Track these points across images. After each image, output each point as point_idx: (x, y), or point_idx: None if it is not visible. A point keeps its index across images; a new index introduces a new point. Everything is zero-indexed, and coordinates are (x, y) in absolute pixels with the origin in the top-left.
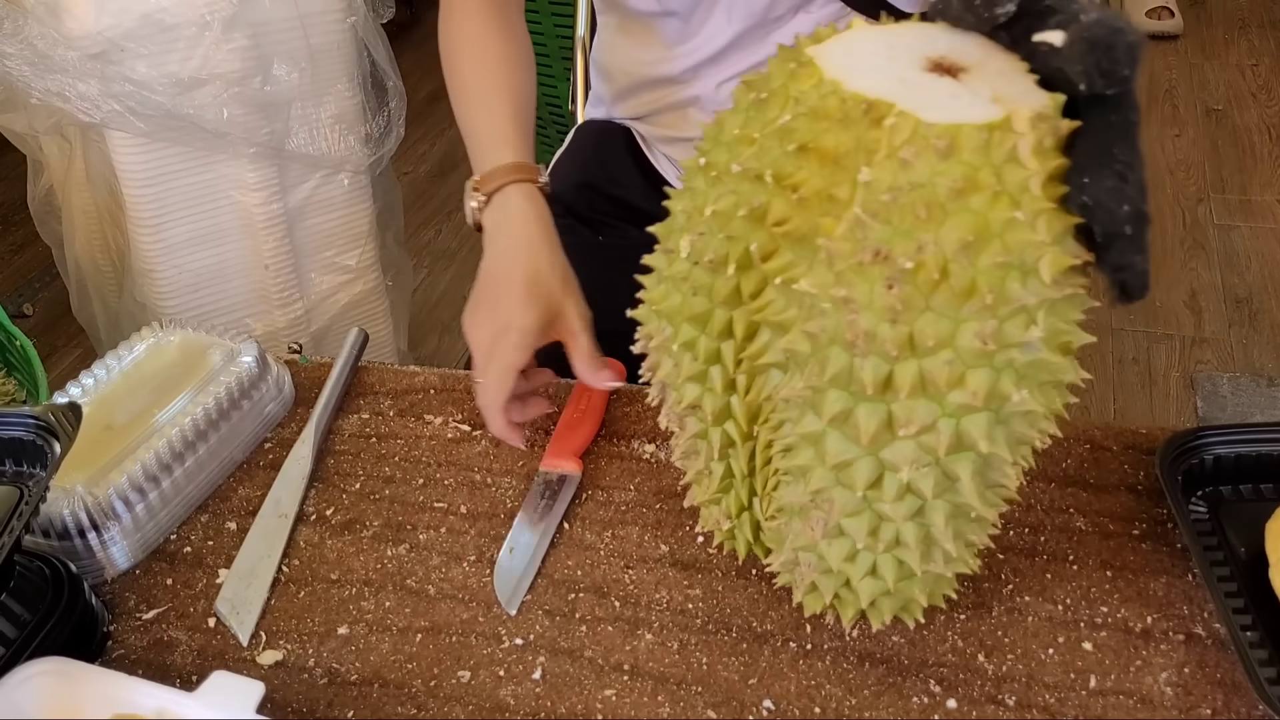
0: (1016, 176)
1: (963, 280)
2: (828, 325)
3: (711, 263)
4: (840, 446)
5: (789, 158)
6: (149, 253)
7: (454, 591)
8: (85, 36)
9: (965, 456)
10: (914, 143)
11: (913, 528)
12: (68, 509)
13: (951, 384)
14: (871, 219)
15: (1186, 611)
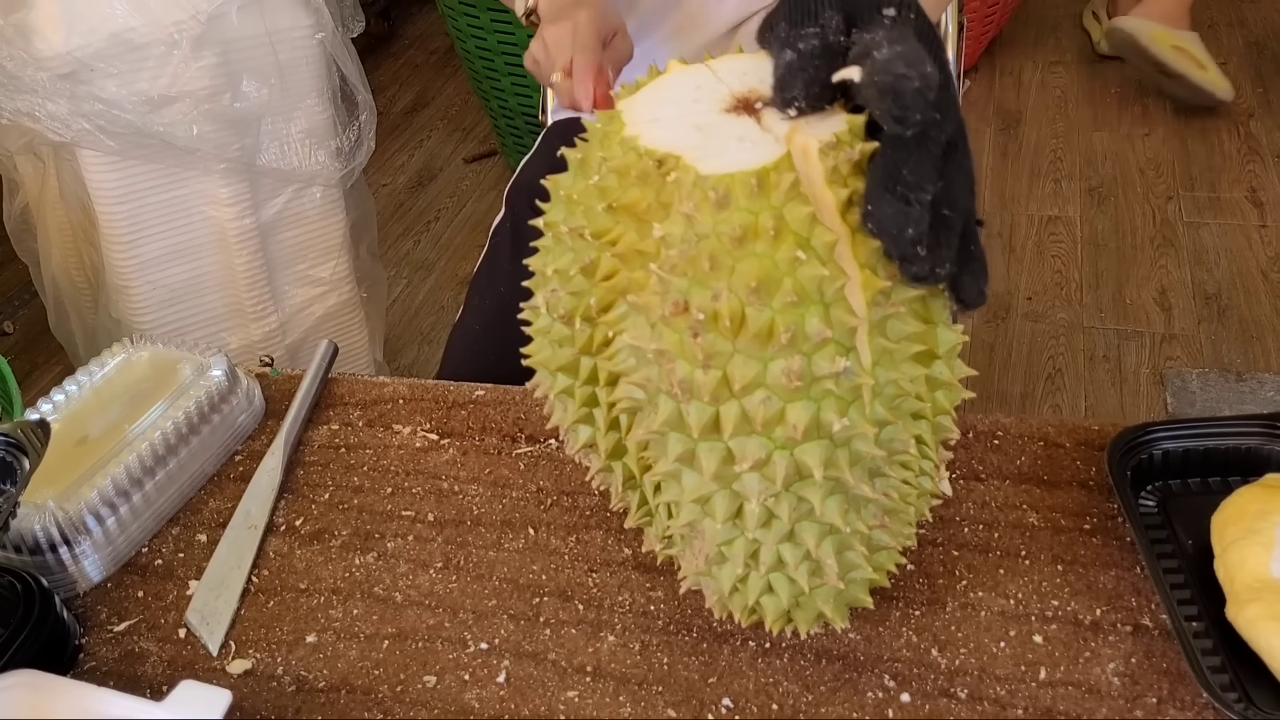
0: (798, 214)
1: (760, 322)
2: (652, 375)
3: (563, 317)
4: (694, 482)
5: (603, 216)
6: (123, 269)
7: (420, 598)
8: (54, 57)
9: (809, 484)
10: (693, 196)
11: (789, 549)
12: (39, 524)
13: (771, 421)
14: (669, 273)
15: (1135, 604)
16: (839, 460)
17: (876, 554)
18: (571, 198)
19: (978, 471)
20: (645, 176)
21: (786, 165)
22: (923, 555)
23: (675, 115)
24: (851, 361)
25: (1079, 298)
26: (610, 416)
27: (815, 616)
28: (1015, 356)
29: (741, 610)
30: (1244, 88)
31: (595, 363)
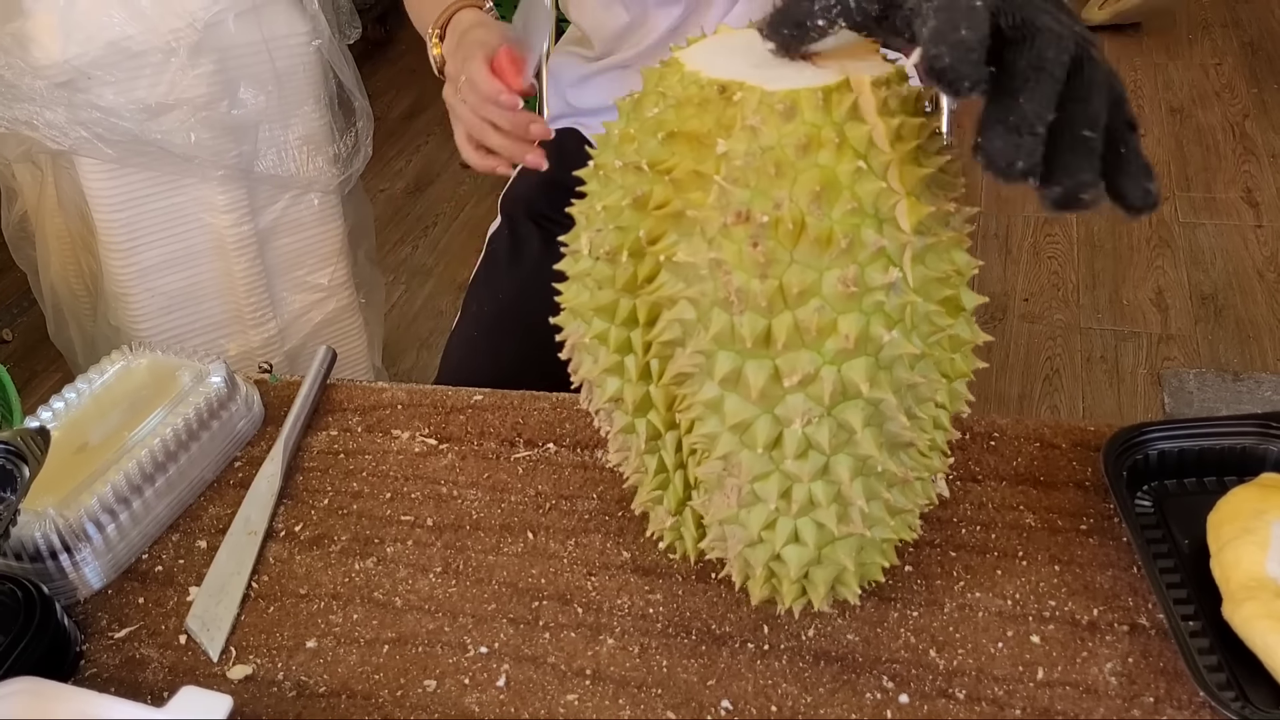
0: (858, 132)
1: (819, 230)
2: (706, 289)
3: (608, 254)
4: (736, 407)
5: (661, 146)
6: (121, 277)
7: (420, 603)
8: (52, 65)
9: (854, 405)
10: (759, 110)
11: (822, 486)
12: (39, 531)
13: (824, 331)
14: (731, 185)
15: (1131, 603)
16: (882, 381)
17: (895, 517)
18: (628, 133)
19: (974, 473)
20: (707, 103)
21: (846, 87)
22: (920, 556)
23: (731, 59)
24: (899, 278)
25: (1076, 299)
26: (643, 362)
27: (831, 580)
28: (1013, 357)
29: (762, 566)
30: (1239, 88)
31: (635, 302)
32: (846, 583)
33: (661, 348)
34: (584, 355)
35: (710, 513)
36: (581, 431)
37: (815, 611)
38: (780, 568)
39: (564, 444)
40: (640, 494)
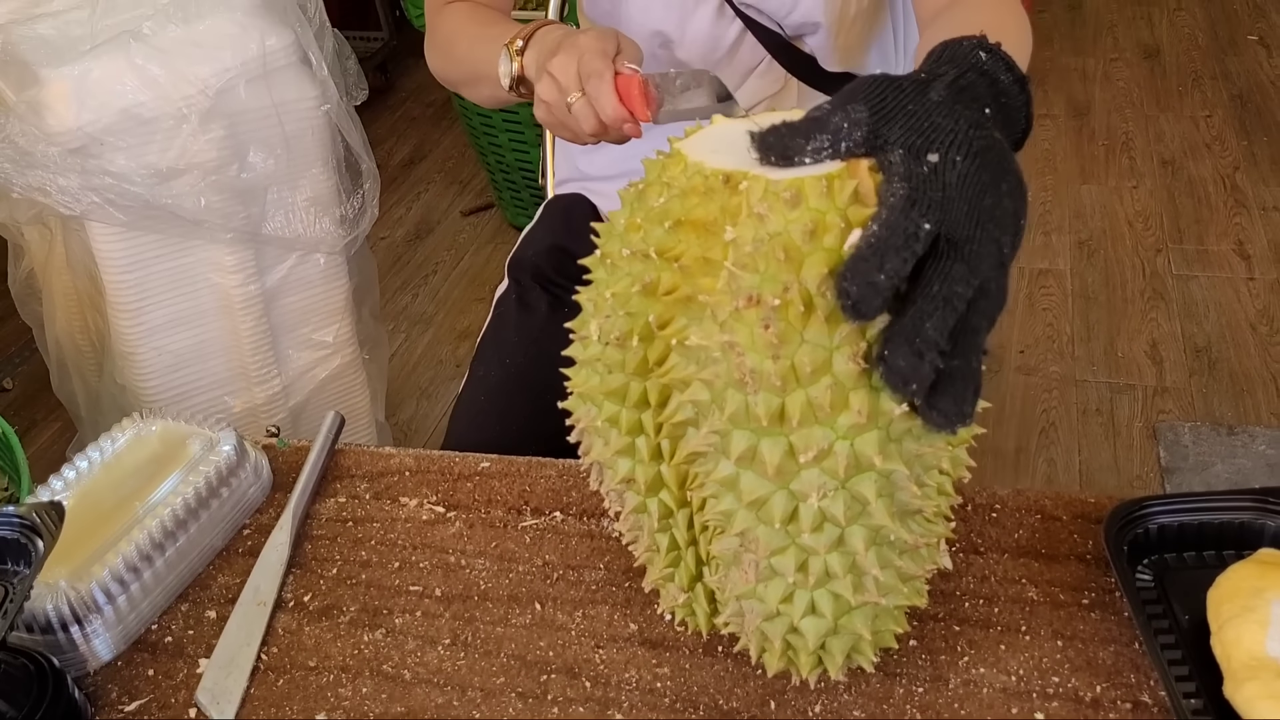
0: (861, 216)
1: (827, 309)
2: (720, 371)
3: (618, 339)
4: (753, 484)
5: (668, 234)
6: (129, 336)
7: (429, 676)
8: (65, 132)
9: (867, 477)
10: (765, 199)
11: (838, 558)
12: (50, 604)
13: (837, 406)
14: (741, 270)
15: (1134, 680)
16: (892, 452)
17: (907, 583)
18: (634, 222)
19: (976, 545)
20: (712, 192)
21: (846, 174)
22: (925, 630)
23: (732, 150)
24: None
25: (1071, 351)
26: (654, 443)
27: (849, 648)
28: (1009, 410)
29: (780, 639)
30: (1229, 141)
31: (645, 385)
32: (862, 651)
33: (673, 429)
34: (595, 438)
35: (727, 589)
36: (588, 500)
37: (823, 687)
38: (798, 639)
39: (570, 512)
40: (651, 571)
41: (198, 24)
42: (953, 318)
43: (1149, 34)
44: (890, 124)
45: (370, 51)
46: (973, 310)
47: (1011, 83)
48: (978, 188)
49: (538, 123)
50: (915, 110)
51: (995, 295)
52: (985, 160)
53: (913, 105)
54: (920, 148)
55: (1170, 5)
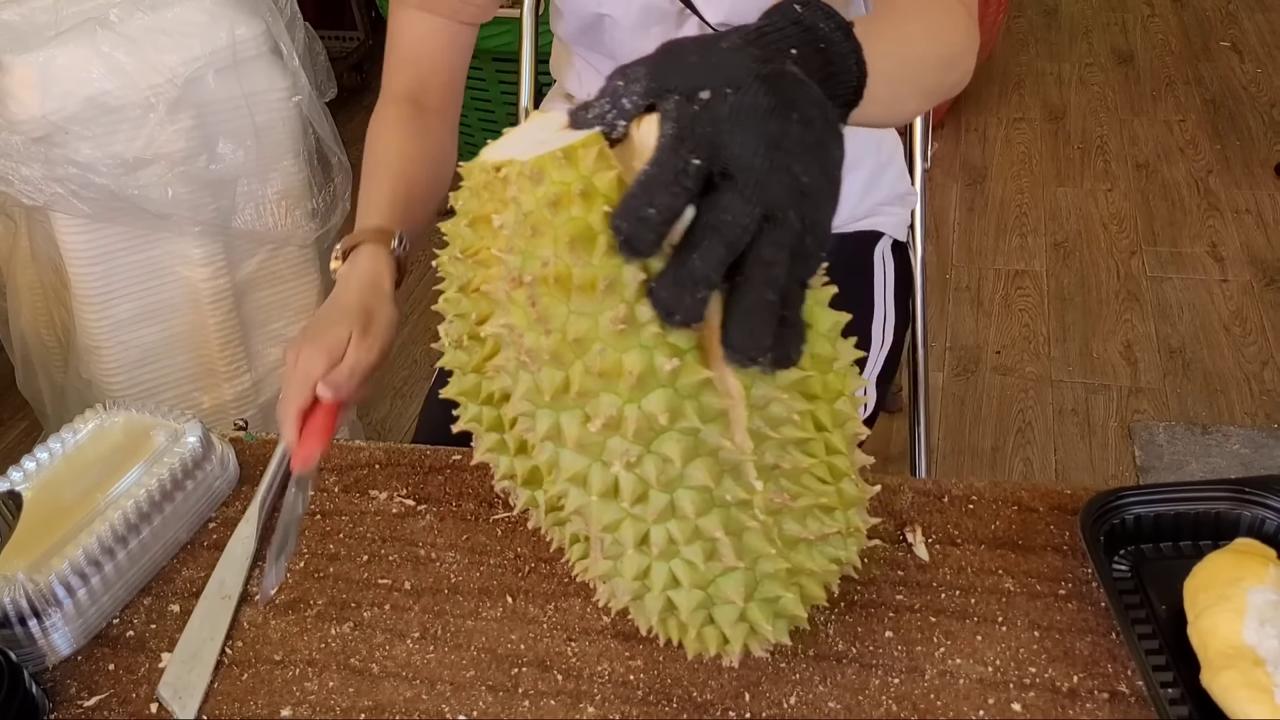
0: (606, 179)
1: (585, 277)
2: (510, 355)
3: (458, 342)
4: (569, 460)
5: (469, 232)
6: (94, 330)
7: (398, 669)
8: (29, 120)
9: (667, 437)
10: (517, 181)
11: (676, 525)
12: (8, 597)
13: (610, 372)
14: (506, 254)
15: (1111, 670)
16: (688, 410)
17: (795, 549)
18: (450, 230)
19: (953, 536)
20: (490, 185)
21: (594, 141)
22: (901, 621)
23: (522, 140)
24: None
25: (1047, 351)
26: (515, 436)
27: (735, 619)
28: (985, 410)
29: (658, 617)
30: (1202, 145)
31: (481, 381)
32: (754, 619)
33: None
34: (479, 440)
35: (592, 571)
36: None
37: (797, 679)
38: (675, 614)
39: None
40: (577, 566)
41: (166, 11)
42: (721, 246)
43: (1123, 39)
44: (670, 75)
45: (346, 51)
46: (763, 240)
47: (833, 29)
48: (758, 116)
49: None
50: (697, 59)
51: (791, 225)
52: (768, 88)
53: (695, 56)
54: (696, 89)
55: (1144, 12)
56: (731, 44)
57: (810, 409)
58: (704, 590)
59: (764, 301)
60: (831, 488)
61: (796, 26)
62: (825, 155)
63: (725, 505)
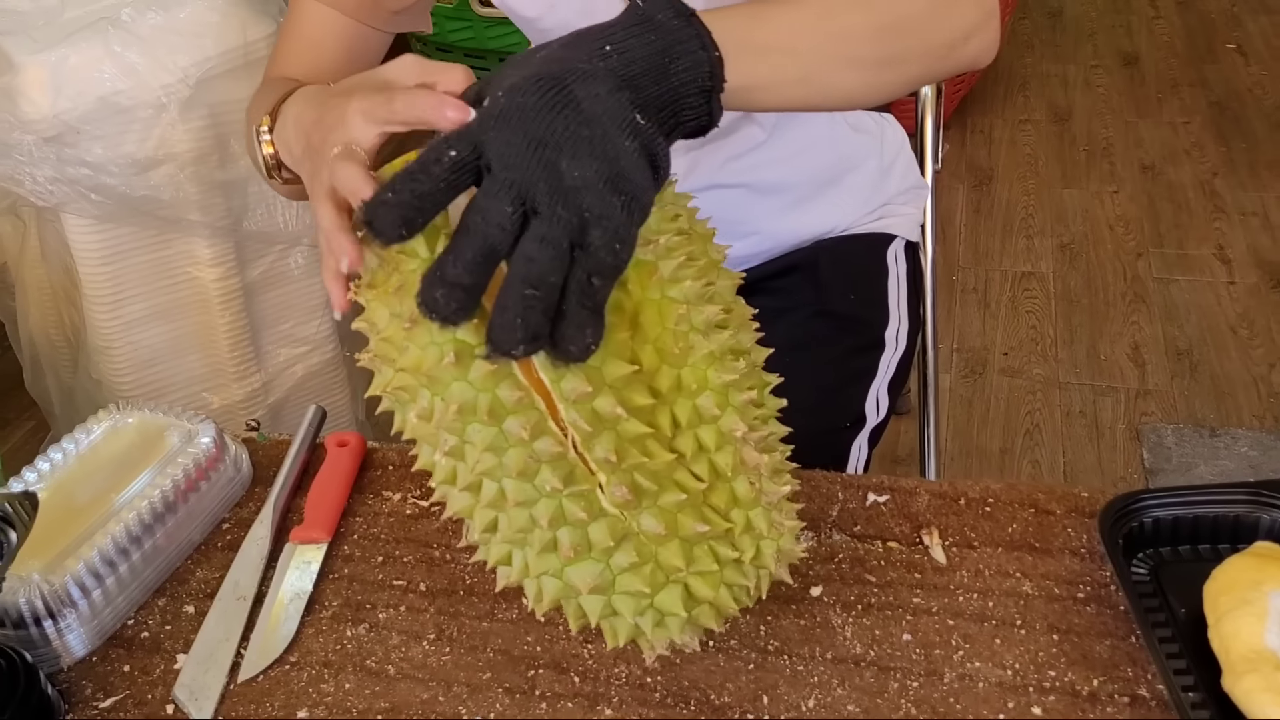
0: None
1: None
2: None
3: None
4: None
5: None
6: (105, 330)
7: (413, 671)
8: (41, 120)
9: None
10: None
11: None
12: (24, 598)
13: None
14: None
15: (1131, 673)
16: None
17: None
18: None
19: (970, 539)
20: None
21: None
22: (919, 624)
23: None
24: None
25: (1054, 353)
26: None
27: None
28: (994, 412)
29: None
30: (1208, 147)
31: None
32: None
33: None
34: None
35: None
36: None
37: (815, 682)
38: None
39: None
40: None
41: (178, 11)
42: (473, 244)
43: (1128, 41)
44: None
45: None
46: (524, 236)
47: (671, 18)
48: (524, 114)
49: None
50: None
51: (557, 219)
52: (543, 88)
53: (515, 62)
54: (485, 93)
55: (1149, 14)
56: (551, 47)
57: (651, 403)
58: (559, 579)
59: (519, 296)
60: (702, 485)
61: (629, 20)
62: (605, 149)
63: (551, 495)
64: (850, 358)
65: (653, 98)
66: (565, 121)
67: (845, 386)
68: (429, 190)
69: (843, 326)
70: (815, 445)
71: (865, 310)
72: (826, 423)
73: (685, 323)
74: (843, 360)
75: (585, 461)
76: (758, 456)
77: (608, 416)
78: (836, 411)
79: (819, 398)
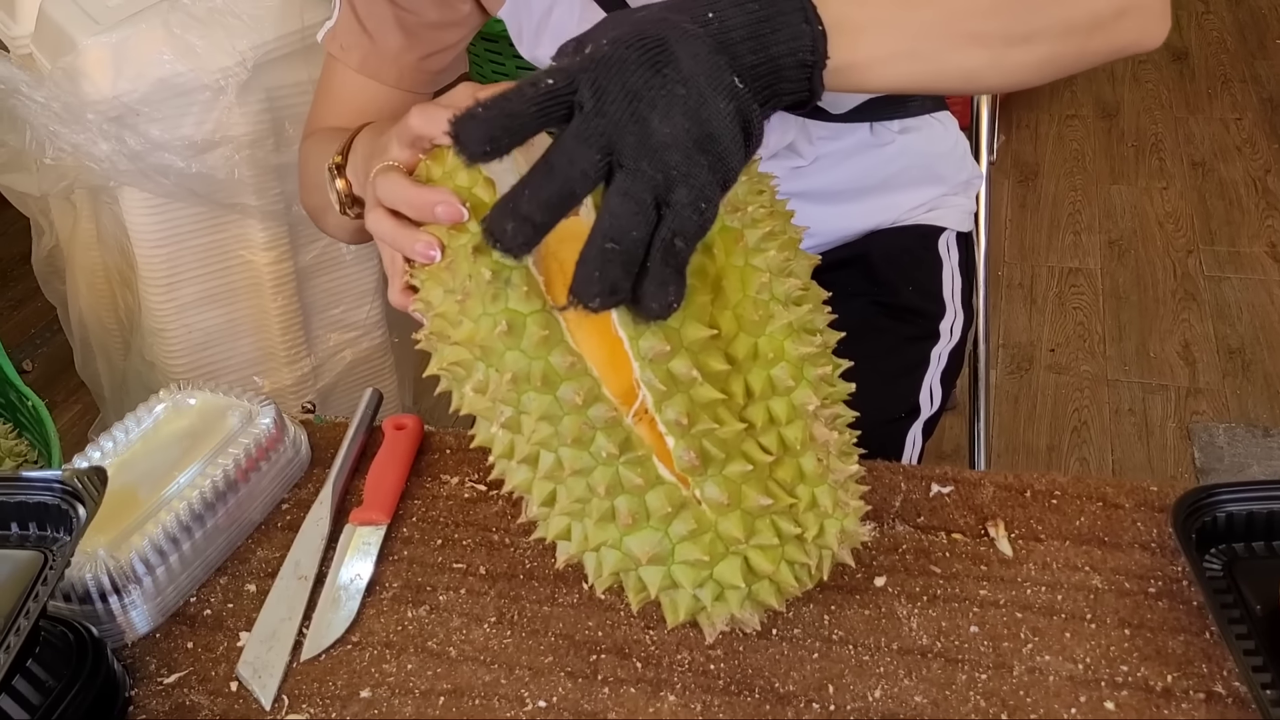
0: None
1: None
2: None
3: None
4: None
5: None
6: (160, 312)
7: (475, 653)
8: (102, 101)
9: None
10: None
11: (569, 483)
12: (89, 573)
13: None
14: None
15: (1206, 670)
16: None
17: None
18: None
19: (1036, 531)
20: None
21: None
22: (986, 616)
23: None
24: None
25: (1102, 350)
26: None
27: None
28: (1040, 408)
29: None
30: (1260, 144)
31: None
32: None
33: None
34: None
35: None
36: None
37: (881, 671)
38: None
39: None
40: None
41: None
42: (550, 183)
43: (1177, 36)
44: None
45: None
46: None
47: None
48: (624, 67)
49: None
50: (614, 20)
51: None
52: (644, 44)
53: (617, 18)
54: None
55: (1198, 8)
56: (653, 7)
57: (726, 369)
58: (618, 550)
59: (599, 249)
60: (770, 458)
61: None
62: (699, 109)
63: (607, 462)
64: (906, 348)
65: (751, 66)
66: (662, 78)
67: (901, 377)
68: (519, 111)
69: (899, 317)
70: (871, 435)
71: (921, 301)
72: (882, 413)
73: (767, 291)
74: (898, 350)
75: (652, 426)
76: (827, 433)
77: (683, 379)
78: (893, 401)
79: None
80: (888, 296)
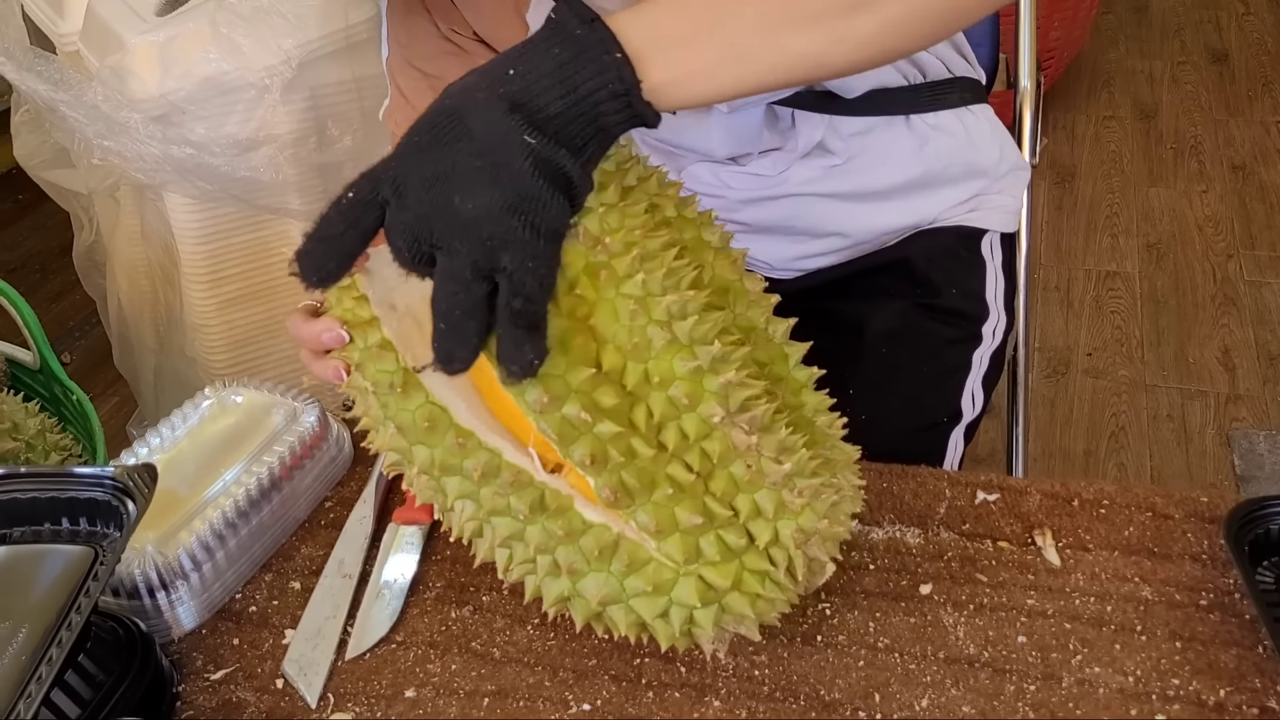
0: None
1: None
2: None
3: None
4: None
5: None
6: (202, 309)
7: (519, 655)
8: (149, 100)
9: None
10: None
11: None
12: (138, 568)
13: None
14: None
15: (1259, 684)
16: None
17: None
18: None
19: (1084, 541)
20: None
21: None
22: (1034, 626)
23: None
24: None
25: (1140, 355)
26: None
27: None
28: (1077, 413)
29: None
30: None
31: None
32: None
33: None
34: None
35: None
36: None
37: (928, 681)
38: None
39: None
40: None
41: None
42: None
43: (1217, 38)
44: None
45: None
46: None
47: (577, 26)
48: (420, 152)
49: None
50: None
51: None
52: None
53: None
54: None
55: (1238, 10)
56: (468, 76)
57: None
58: (582, 598)
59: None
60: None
61: (541, 35)
62: (499, 175)
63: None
64: (948, 351)
65: (556, 113)
66: (456, 154)
67: (944, 380)
68: (332, 233)
69: (941, 319)
70: (914, 439)
71: (965, 303)
72: (925, 417)
73: (642, 316)
74: (940, 354)
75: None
76: (747, 438)
77: (577, 422)
78: (936, 405)
79: (918, 391)
80: (930, 298)
